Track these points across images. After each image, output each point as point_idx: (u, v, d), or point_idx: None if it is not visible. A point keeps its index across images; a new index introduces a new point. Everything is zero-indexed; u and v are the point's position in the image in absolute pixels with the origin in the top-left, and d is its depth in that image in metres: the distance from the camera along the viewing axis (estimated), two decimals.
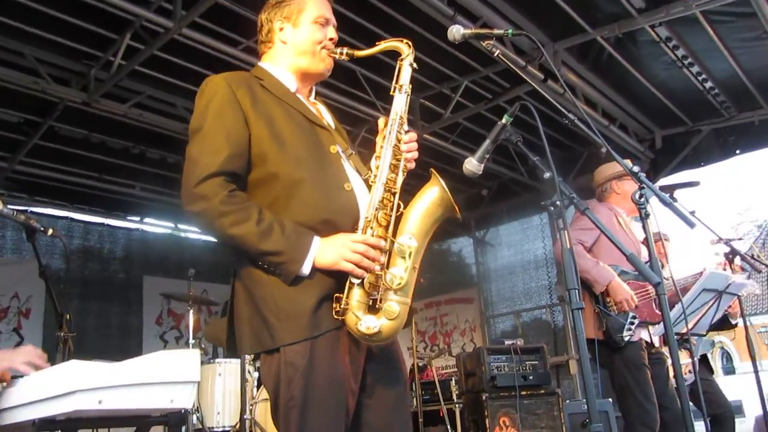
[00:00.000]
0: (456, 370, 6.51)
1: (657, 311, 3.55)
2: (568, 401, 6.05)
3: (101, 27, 5.07)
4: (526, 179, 8.04)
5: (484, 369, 5.22)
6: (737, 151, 7.26)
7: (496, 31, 2.10)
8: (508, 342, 5.57)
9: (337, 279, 1.80)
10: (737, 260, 3.74)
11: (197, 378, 1.72)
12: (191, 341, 4.76)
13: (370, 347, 1.86)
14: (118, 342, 7.67)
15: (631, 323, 3.50)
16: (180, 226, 9.11)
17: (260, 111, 1.89)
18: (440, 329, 9.39)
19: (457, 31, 2.11)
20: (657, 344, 3.67)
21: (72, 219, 8.02)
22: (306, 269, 1.76)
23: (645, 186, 2.14)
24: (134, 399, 1.62)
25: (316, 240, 1.79)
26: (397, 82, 2.05)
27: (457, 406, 6.31)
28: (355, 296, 1.78)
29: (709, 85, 6.32)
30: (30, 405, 1.71)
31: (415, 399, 6.26)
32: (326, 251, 1.78)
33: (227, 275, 2.00)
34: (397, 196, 1.91)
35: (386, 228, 1.86)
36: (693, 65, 5.98)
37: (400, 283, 1.80)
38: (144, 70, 5.52)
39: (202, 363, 4.79)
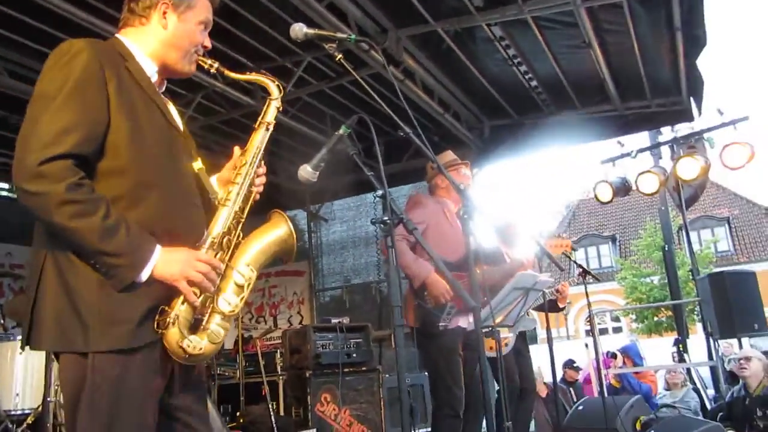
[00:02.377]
0: (281, 341, 6.53)
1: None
2: (387, 375, 6.34)
3: None
4: (363, 158, 8.15)
5: (310, 347, 5.29)
6: (554, 146, 7.95)
7: (338, 35, 2.08)
8: (334, 320, 5.68)
9: (168, 290, 1.70)
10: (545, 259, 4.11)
11: None
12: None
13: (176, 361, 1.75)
14: None
15: (448, 313, 3.70)
16: None
17: (124, 97, 1.71)
18: (267, 300, 9.35)
19: (299, 30, 2.06)
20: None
21: None
22: (143, 277, 1.64)
23: (468, 204, 2.26)
24: None
25: (158, 248, 1.67)
26: (263, 118, 2.03)
27: (281, 377, 6.35)
28: (182, 313, 1.70)
29: (534, 83, 6.81)
30: None
31: (238, 371, 6.21)
32: (169, 264, 1.67)
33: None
34: (240, 225, 1.89)
35: (227, 253, 1.83)
36: (522, 64, 6.41)
37: (233, 311, 1.78)
38: None
39: (0, 339, 4.36)
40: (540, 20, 5.62)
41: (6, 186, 8.35)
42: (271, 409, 5.45)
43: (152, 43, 1.88)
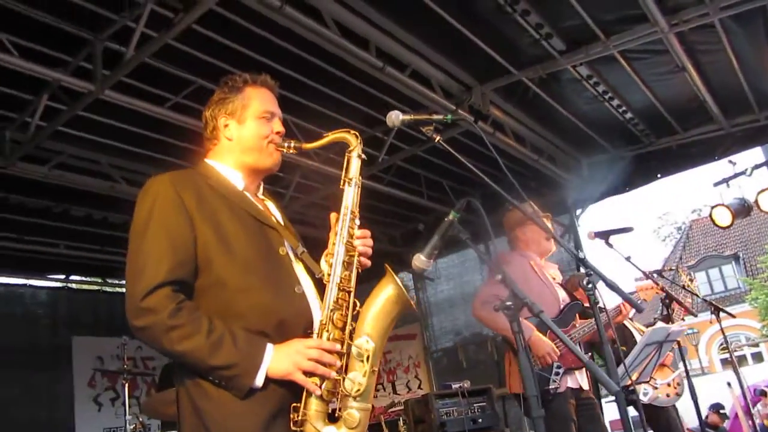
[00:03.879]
0: (403, 408, 6.45)
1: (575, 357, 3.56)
2: None
3: (15, 89, 4.82)
4: (462, 213, 8.12)
5: (433, 416, 5.20)
6: (658, 175, 7.60)
7: (434, 117, 2.08)
8: (455, 385, 5.56)
9: (293, 387, 1.71)
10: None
11: None
12: (128, 416, 4.51)
13: None
14: (48, 412, 7.16)
15: (556, 374, 3.49)
16: (109, 280, 8.75)
17: (206, 214, 1.80)
18: (384, 367, 9.31)
19: (396, 118, 2.07)
20: (586, 387, 3.65)
21: None
22: (259, 381, 1.67)
23: (591, 272, 2.16)
24: None
25: (269, 348, 1.70)
26: (346, 174, 2.01)
27: None
28: (313, 406, 1.71)
29: (629, 115, 6.59)
30: None
31: None
32: (280, 360, 1.69)
33: None
34: (352, 294, 1.86)
35: (342, 330, 1.80)
36: (613, 99, 6.22)
37: (359, 390, 1.74)
38: (65, 129, 5.27)
39: None
40: (627, 52, 5.47)
41: None
42: None
43: (231, 155, 1.98)
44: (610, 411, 7.05)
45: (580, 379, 3.62)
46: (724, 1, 4.73)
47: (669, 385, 4.46)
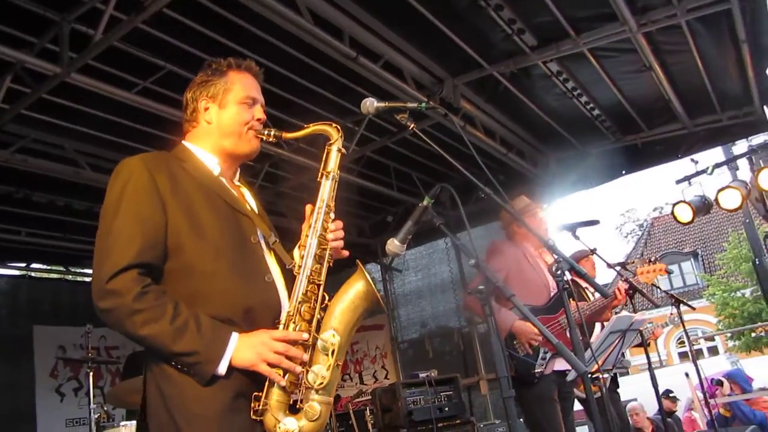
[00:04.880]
0: (370, 397, 6.49)
1: (569, 339, 3.70)
2: (481, 425, 6.19)
3: None
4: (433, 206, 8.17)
5: (401, 404, 5.24)
6: (623, 172, 7.75)
7: (409, 105, 2.08)
8: (422, 374, 5.61)
9: (255, 376, 1.71)
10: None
11: None
12: (92, 405, 4.43)
13: None
14: (9, 403, 6.98)
15: (543, 358, 3.66)
16: (72, 269, 8.58)
17: (179, 198, 1.78)
18: (351, 357, 9.33)
19: (370, 105, 2.06)
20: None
21: None
22: (222, 369, 1.67)
23: (560, 259, 2.21)
24: None
25: (234, 337, 1.69)
26: (324, 168, 1.98)
27: None
28: (275, 396, 1.71)
29: (596, 112, 6.70)
30: None
31: None
32: (245, 350, 1.69)
33: None
34: (321, 288, 1.85)
35: (309, 322, 1.80)
36: (582, 95, 6.32)
37: (322, 383, 1.74)
38: (29, 113, 5.14)
39: (105, 428, 4.48)
40: (597, 50, 5.56)
41: None
42: None
43: (210, 139, 1.96)
44: None
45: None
46: (691, 2, 4.83)
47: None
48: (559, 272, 2.28)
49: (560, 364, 3.73)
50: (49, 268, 8.52)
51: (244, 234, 1.87)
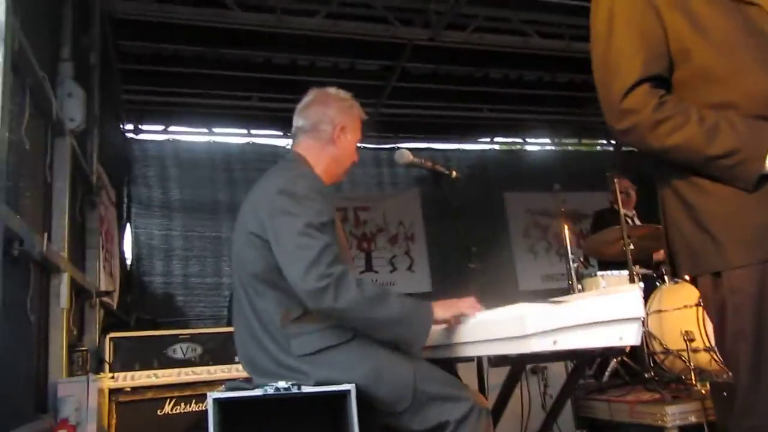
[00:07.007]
0: None
1: None
2: None
3: None
4: None
5: None
6: None
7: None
8: None
9: None
10: None
11: (642, 314, 1.63)
12: (570, 256, 4.71)
13: None
14: (495, 257, 7.85)
15: None
16: (528, 140, 9.12)
17: (672, 0, 1.61)
18: None
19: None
20: None
21: (432, 149, 8.49)
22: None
23: None
24: (585, 338, 1.60)
25: None
26: None
27: None
28: None
29: None
30: (484, 343, 1.84)
31: None
32: None
33: (583, 183, 1.81)
34: None
35: None
36: None
37: None
38: None
39: (583, 276, 4.71)
40: None
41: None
42: None
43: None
44: None
45: None
46: None
47: None
48: None
49: None
50: (508, 141, 9.24)
51: (756, 25, 1.59)
